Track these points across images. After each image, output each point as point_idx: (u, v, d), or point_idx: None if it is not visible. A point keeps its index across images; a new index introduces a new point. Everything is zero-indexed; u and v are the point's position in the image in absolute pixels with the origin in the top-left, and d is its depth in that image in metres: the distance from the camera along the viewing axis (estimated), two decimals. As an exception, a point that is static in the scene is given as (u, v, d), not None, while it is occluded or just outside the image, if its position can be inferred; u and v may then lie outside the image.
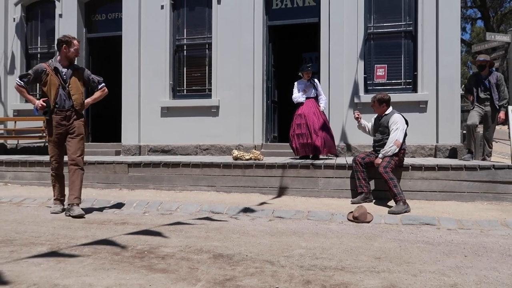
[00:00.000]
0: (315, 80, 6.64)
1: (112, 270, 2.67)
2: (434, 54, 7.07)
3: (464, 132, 6.87)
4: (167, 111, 8.32)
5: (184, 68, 8.48)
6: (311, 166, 5.62)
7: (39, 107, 4.43)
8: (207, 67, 8.31)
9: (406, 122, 5.17)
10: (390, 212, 4.55)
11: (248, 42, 7.86)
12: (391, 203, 4.89)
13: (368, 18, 7.50)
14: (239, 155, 6.20)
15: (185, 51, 8.50)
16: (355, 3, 7.39)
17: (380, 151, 5.05)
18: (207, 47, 8.30)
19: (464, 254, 3.11)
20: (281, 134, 8.53)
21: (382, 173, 4.83)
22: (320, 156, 6.50)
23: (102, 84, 4.80)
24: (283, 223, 4.27)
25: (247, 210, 4.77)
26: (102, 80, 4.83)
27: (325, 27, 7.55)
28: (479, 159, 6.48)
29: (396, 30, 7.42)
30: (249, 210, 4.77)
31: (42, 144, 8.79)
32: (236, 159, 6.17)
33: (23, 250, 3.13)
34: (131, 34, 8.44)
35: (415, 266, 2.80)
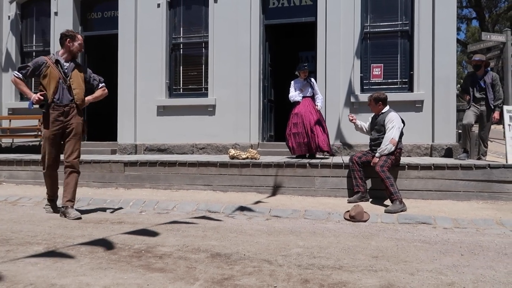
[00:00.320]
0: (312, 79, 6.65)
1: (109, 269, 2.66)
2: (430, 53, 7.11)
3: (460, 131, 6.90)
4: (163, 109, 8.30)
5: (181, 66, 8.46)
6: (307, 165, 5.63)
7: (36, 101, 4.22)
8: (203, 65, 8.30)
9: (402, 121, 5.18)
10: (387, 211, 4.56)
11: (244, 41, 7.86)
12: (387, 202, 4.90)
13: (365, 17, 7.52)
14: (235, 154, 6.20)
15: (181, 50, 8.48)
16: (351, 2, 7.42)
17: (376, 150, 5.07)
18: (203, 45, 8.29)
19: (461, 253, 3.13)
20: (277, 133, 8.54)
21: (379, 172, 4.84)
22: (317, 155, 6.52)
23: (102, 84, 4.71)
24: (280, 222, 4.28)
25: (244, 209, 4.77)
26: (103, 80, 4.75)
27: (321, 26, 7.56)
28: (474, 159, 6.52)
29: (392, 29, 7.45)
30: (246, 209, 4.77)
31: (37, 143, 8.74)
32: (232, 158, 6.16)
33: (20, 250, 3.11)
34: (128, 33, 8.41)
35: (412, 265, 2.81)
